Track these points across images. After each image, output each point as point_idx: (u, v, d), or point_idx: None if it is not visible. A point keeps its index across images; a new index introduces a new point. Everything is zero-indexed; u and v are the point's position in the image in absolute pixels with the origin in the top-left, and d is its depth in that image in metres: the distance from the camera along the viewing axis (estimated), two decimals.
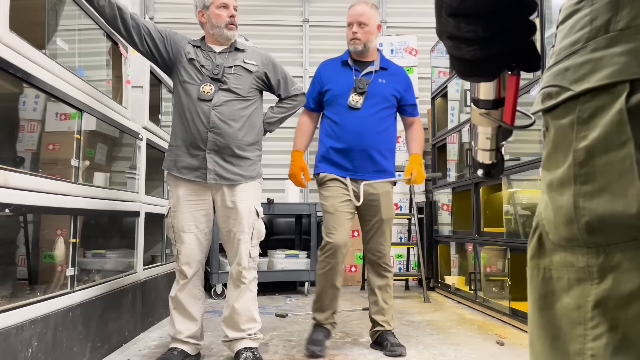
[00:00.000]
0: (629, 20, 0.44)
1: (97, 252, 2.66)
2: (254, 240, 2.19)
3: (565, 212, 0.47)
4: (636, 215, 0.42)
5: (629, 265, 0.42)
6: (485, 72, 0.53)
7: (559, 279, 0.47)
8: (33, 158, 2.20)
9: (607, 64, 0.45)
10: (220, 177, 2.13)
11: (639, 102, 0.42)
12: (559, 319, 0.46)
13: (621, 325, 0.42)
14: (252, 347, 2.17)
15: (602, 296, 0.43)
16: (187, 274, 2.15)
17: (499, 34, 0.49)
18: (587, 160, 0.45)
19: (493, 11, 0.47)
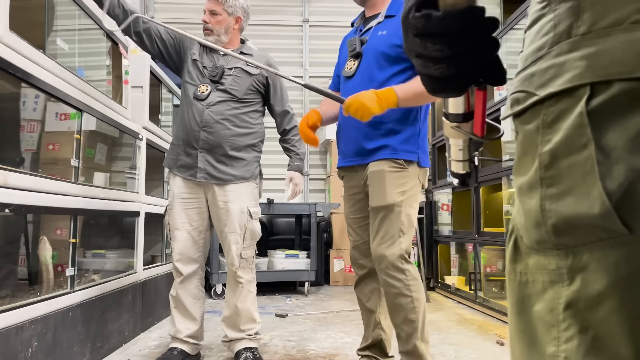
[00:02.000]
0: (590, 24, 0.45)
1: (97, 252, 2.66)
2: (247, 241, 2.18)
3: (534, 215, 0.47)
4: (599, 216, 0.42)
5: (596, 265, 0.43)
6: (453, 89, 0.54)
7: (534, 282, 0.47)
8: (33, 158, 2.20)
9: (569, 68, 0.46)
10: (211, 176, 2.13)
11: (599, 105, 0.43)
12: (535, 322, 0.46)
13: (592, 327, 0.42)
14: (252, 348, 2.17)
15: (572, 298, 0.44)
16: (181, 271, 2.16)
17: (464, 51, 0.50)
18: (552, 164, 0.46)
19: (457, 31, 0.49)
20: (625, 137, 0.42)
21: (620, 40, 0.43)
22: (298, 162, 2.36)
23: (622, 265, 0.41)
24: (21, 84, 1.83)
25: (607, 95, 0.43)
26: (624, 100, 0.42)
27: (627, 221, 0.41)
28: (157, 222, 3.06)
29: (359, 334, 2.75)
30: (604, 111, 0.43)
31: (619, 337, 0.41)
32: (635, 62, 0.42)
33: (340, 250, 4.81)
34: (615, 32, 0.44)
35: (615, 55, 0.43)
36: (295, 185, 2.34)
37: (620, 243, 0.42)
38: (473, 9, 0.48)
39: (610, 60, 0.43)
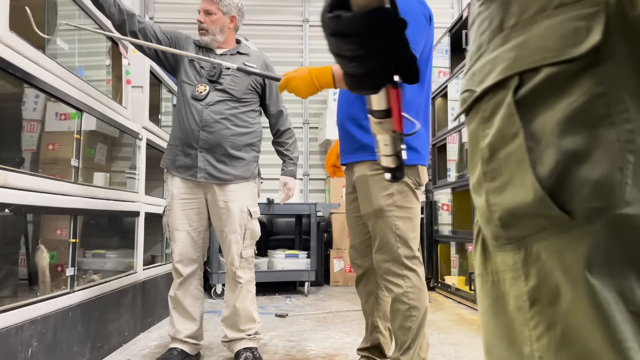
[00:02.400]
0: (518, 16, 0.46)
1: (97, 252, 2.66)
2: (247, 240, 2.18)
3: (484, 211, 0.47)
4: (535, 204, 0.42)
5: (547, 255, 0.42)
6: (368, 86, 0.55)
7: (504, 281, 0.46)
8: (33, 158, 2.20)
9: (501, 61, 0.46)
10: (211, 176, 2.13)
11: (527, 92, 0.44)
12: (511, 322, 0.45)
13: (559, 321, 0.41)
14: (252, 347, 2.17)
15: (534, 293, 0.43)
16: (181, 272, 2.16)
17: (374, 51, 0.51)
18: (491, 157, 0.46)
19: (366, 31, 0.49)
20: (553, 121, 0.42)
21: (544, 26, 0.44)
22: (292, 167, 2.36)
23: (568, 253, 0.41)
24: (21, 84, 1.83)
25: (535, 82, 0.43)
26: (550, 85, 0.42)
27: (565, 206, 0.41)
28: (157, 222, 3.05)
29: (359, 334, 2.75)
30: (533, 98, 0.44)
31: (586, 329, 0.40)
32: (558, 46, 0.42)
33: (340, 250, 4.81)
34: (539, 20, 0.44)
35: (540, 42, 0.43)
36: (289, 190, 2.38)
37: (563, 230, 0.41)
38: (380, 10, 0.49)
39: (535, 47, 0.44)
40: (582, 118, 0.41)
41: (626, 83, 0.40)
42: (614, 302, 0.39)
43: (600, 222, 0.40)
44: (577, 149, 0.40)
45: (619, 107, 0.40)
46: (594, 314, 0.39)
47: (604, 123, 0.40)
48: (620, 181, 0.39)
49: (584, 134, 0.40)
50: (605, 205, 0.39)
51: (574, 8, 0.42)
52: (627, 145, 0.39)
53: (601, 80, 0.40)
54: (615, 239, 0.40)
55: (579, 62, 0.41)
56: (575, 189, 0.40)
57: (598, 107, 0.40)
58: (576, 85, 0.41)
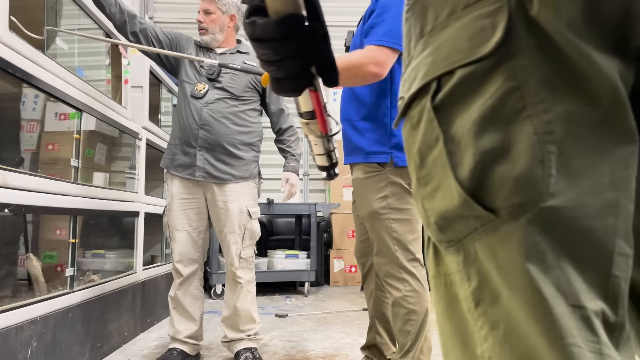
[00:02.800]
0: (433, 20, 0.46)
1: (96, 252, 2.66)
2: (246, 241, 2.18)
3: (422, 216, 0.48)
4: (461, 206, 0.42)
5: (483, 255, 0.42)
6: (287, 90, 0.56)
7: (455, 283, 0.46)
8: (32, 158, 2.20)
9: (422, 66, 0.47)
10: (209, 175, 2.12)
11: (443, 97, 0.44)
12: (464, 324, 0.45)
13: (501, 320, 0.41)
14: (252, 348, 2.17)
15: (477, 294, 0.43)
16: (181, 272, 2.15)
17: (288, 56, 0.52)
18: (422, 163, 0.47)
19: (279, 37, 0.51)
20: (470, 122, 0.42)
21: (455, 28, 0.44)
22: (294, 163, 2.35)
23: (500, 251, 0.40)
24: (21, 84, 1.83)
25: (451, 85, 0.43)
26: (465, 86, 0.42)
27: (489, 205, 0.41)
28: (156, 222, 3.05)
29: (359, 334, 2.75)
30: (450, 101, 0.44)
31: (526, 327, 0.39)
32: (468, 46, 0.42)
33: (340, 250, 4.80)
34: (451, 22, 0.44)
35: (452, 45, 0.44)
36: (291, 187, 2.35)
37: (492, 229, 0.41)
38: (292, 16, 0.50)
39: (448, 50, 0.44)
40: (497, 115, 0.40)
41: (538, 74, 0.40)
42: (553, 297, 0.38)
43: (525, 217, 0.39)
44: (495, 147, 0.40)
45: (534, 98, 0.39)
46: (532, 311, 0.39)
47: (520, 117, 0.40)
48: (542, 174, 0.39)
49: (501, 131, 0.40)
50: (527, 200, 0.39)
51: (478, 7, 0.42)
52: (546, 137, 0.39)
53: (513, 74, 0.40)
54: (546, 232, 0.39)
55: (489, 60, 0.41)
56: (496, 187, 0.40)
57: (512, 102, 0.40)
58: (489, 84, 0.41)
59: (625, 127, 0.40)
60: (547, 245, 0.39)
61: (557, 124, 0.39)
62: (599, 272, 0.39)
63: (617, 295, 0.39)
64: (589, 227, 0.39)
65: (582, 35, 0.39)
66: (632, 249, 0.41)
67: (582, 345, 0.37)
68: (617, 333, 0.39)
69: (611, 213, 0.39)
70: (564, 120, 0.39)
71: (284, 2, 0.50)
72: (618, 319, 0.39)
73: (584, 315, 0.38)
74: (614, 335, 0.39)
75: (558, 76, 0.39)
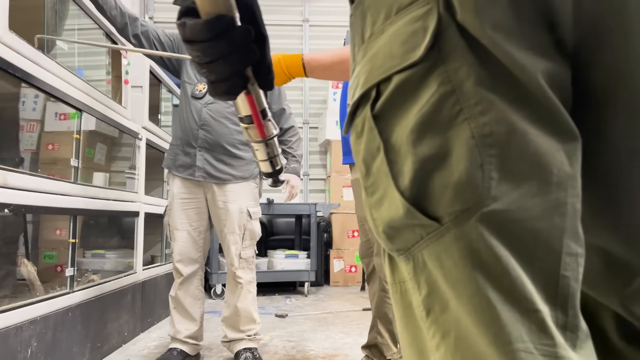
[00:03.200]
0: (371, 26, 0.46)
1: (96, 252, 2.66)
2: (247, 241, 2.17)
3: (371, 225, 0.47)
4: (403, 216, 0.41)
5: (431, 263, 0.41)
6: (221, 93, 0.54)
7: (409, 291, 0.45)
8: (32, 158, 2.20)
9: (362, 73, 0.46)
10: (209, 175, 2.12)
11: (382, 105, 0.43)
12: (419, 331, 0.44)
13: (451, 329, 0.40)
14: (252, 348, 2.16)
15: (427, 303, 0.42)
16: (182, 271, 2.15)
17: (220, 59, 0.50)
18: (367, 172, 0.46)
19: (208, 39, 0.49)
20: (408, 129, 0.41)
21: (389, 33, 0.43)
22: (295, 164, 2.35)
23: (446, 259, 0.40)
24: (21, 84, 1.83)
25: (388, 92, 0.42)
26: (401, 93, 0.42)
27: (432, 213, 0.40)
28: (156, 222, 3.06)
29: (359, 334, 2.75)
30: (389, 109, 0.43)
31: (475, 334, 0.38)
32: (401, 52, 0.42)
33: (340, 250, 4.80)
34: (387, 28, 0.44)
35: (387, 50, 0.43)
36: (292, 188, 2.34)
37: (437, 236, 0.40)
38: (221, 18, 0.49)
39: (384, 56, 0.43)
40: (434, 121, 0.40)
41: (473, 76, 0.39)
42: (500, 302, 0.37)
43: (468, 223, 0.38)
44: (433, 153, 0.39)
45: (470, 101, 0.38)
46: (480, 319, 0.38)
47: (457, 121, 0.39)
48: (482, 178, 0.38)
49: (438, 137, 0.39)
50: (469, 205, 0.38)
51: (410, 10, 0.42)
52: (484, 140, 0.38)
53: (448, 78, 0.39)
54: (490, 237, 0.38)
55: (423, 64, 0.40)
56: (438, 194, 0.39)
57: (448, 106, 0.39)
58: (425, 89, 0.40)
59: (563, 125, 0.39)
60: (492, 250, 0.38)
61: (495, 125, 0.38)
62: (547, 274, 0.38)
63: (567, 296, 0.39)
64: (535, 229, 0.38)
65: (510, 35, 0.38)
66: (583, 247, 0.40)
67: (534, 350, 0.36)
68: (572, 333, 0.38)
69: (557, 213, 0.39)
70: (501, 122, 0.38)
71: (214, 3, 0.49)
72: (569, 319, 0.38)
73: (535, 319, 0.37)
74: (569, 336, 0.38)
75: (492, 77, 0.39)
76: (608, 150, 0.43)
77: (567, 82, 0.41)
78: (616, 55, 0.41)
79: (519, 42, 0.38)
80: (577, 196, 0.40)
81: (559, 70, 0.40)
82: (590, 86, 0.42)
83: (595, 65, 0.42)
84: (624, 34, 0.40)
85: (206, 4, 0.49)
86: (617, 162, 0.43)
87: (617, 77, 0.41)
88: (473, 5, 0.39)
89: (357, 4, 0.48)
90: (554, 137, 0.39)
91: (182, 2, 0.52)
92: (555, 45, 0.40)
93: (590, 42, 0.41)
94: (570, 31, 0.40)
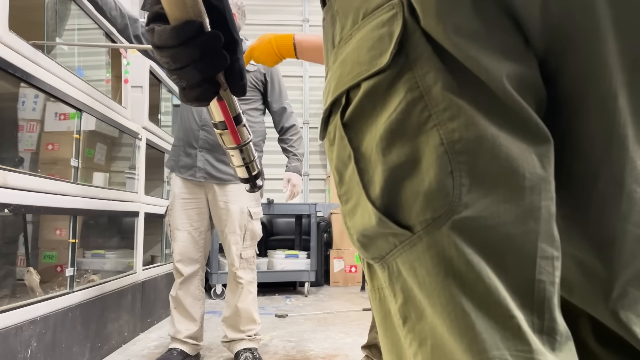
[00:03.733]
0: (340, 31, 0.45)
1: (96, 252, 2.66)
2: (247, 241, 2.18)
3: (348, 233, 0.46)
4: (376, 225, 0.41)
5: (405, 272, 0.41)
6: (192, 99, 0.53)
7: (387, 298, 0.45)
8: (32, 158, 2.20)
9: (332, 80, 0.45)
10: (210, 176, 2.13)
11: (351, 112, 0.42)
12: (397, 339, 0.44)
13: (428, 337, 0.40)
14: (252, 348, 2.16)
15: (403, 311, 0.42)
16: (182, 271, 2.15)
17: (189, 65, 0.49)
18: (341, 180, 0.45)
19: (175, 45, 0.48)
20: (377, 137, 0.40)
21: (357, 39, 0.42)
22: (296, 162, 2.34)
23: (419, 267, 0.39)
24: (21, 83, 1.82)
25: (357, 100, 0.42)
26: (370, 100, 0.41)
27: (404, 222, 0.39)
28: (156, 222, 3.06)
29: (359, 334, 2.75)
30: (358, 117, 0.42)
31: (451, 342, 0.38)
32: (368, 58, 0.41)
33: (340, 250, 4.80)
34: (355, 33, 0.43)
35: (355, 56, 0.42)
36: (293, 187, 2.34)
37: (410, 245, 0.40)
38: (188, 24, 0.48)
39: (352, 62, 0.42)
40: (403, 128, 0.39)
41: (440, 81, 0.38)
42: (474, 310, 0.37)
43: (440, 231, 0.37)
44: (403, 161, 0.39)
45: (439, 107, 0.38)
46: (454, 327, 0.37)
47: (426, 128, 0.38)
48: (452, 185, 0.37)
49: (408, 145, 0.39)
50: (440, 213, 0.37)
51: (375, 15, 0.41)
52: (454, 146, 0.37)
53: (416, 84, 0.38)
54: (463, 245, 0.37)
55: (391, 70, 0.39)
56: (408, 203, 0.39)
57: (417, 112, 0.38)
58: (393, 95, 0.39)
59: (533, 128, 0.39)
60: (464, 258, 0.37)
61: (465, 131, 0.37)
62: (522, 279, 0.38)
63: (543, 300, 0.38)
64: (508, 234, 0.37)
65: (474, 39, 0.38)
66: (559, 250, 0.40)
67: (509, 357, 0.36)
68: (549, 337, 0.38)
69: (531, 217, 0.38)
70: (471, 127, 0.37)
71: (182, 8, 0.48)
72: (545, 323, 0.38)
73: (511, 325, 0.36)
74: (546, 340, 0.38)
75: (459, 82, 0.38)
76: (579, 155, 0.43)
77: (538, 84, 0.41)
78: (586, 58, 0.40)
79: (484, 45, 0.38)
80: (551, 199, 0.39)
81: (529, 72, 0.40)
82: (562, 89, 0.42)
83: (565, 68, 0.41)
84: (592, 37, 0.39)
85: (174, 9, 0.48)
86: (587, 167, 0.43)
87: (587, 80, 0.41)
88: (435, 11, 0.38)
89: (328, 8, 0.48)
90: (525, 140, 0.38)
91: (150, 7, 0.51)
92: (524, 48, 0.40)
93: (559, 45, 0.40)
94: (539, 34, 0.40)
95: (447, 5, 0.38)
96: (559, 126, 0.42)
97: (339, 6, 0.45)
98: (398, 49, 0.39)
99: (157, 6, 0.50)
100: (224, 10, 0.52)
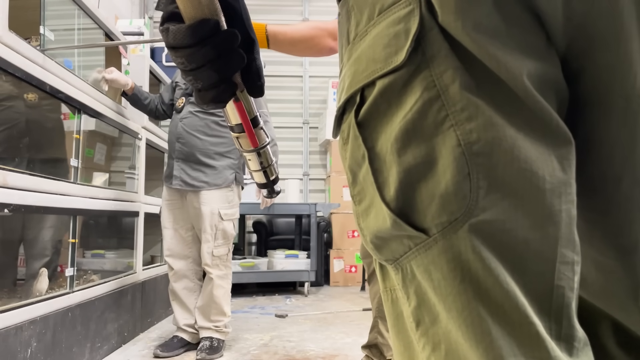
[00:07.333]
0: (355, 27, 0.44)
1: (96, 252, 2.66)
2: (219, 240, 2.32)
3: (360, 234, 0.46)
4: (390, 227, 0.40)
5: (420, 275, 0.40)
6: (209, 101, 0.51)
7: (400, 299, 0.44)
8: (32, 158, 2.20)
9: (347, 77, 0.44)
10: (185, 183, 2.30)
11: (366, 111, 0.41)
12: (410, 341, 0.43)
13: (442, 341, 0.39)
14: (214, 338, 2.29)
15: (417, 314, 0.41)
16: (171, 265, 2.35)
17: (206, 65, 0.48)
18: (354, 180, 0.44)
19: (191, 45, 0.47)
20: (392, 137, 0.39)
21: (372, 36, 0.41)
22: None
23: (435, 271, 0.38)
24: (20, 83, 1.82)
25: (372, 98, 0.41)
26: (385, 99, 0.40)
27: (419, 225, 0.38)
28: (156, 222, 3.05)
29: (359, 334, 2.75)
30: (373, 116, 0.41)
31: (466, 348, 0.37)
32: (384, 55, 0.40)
33: (340, 250, 4.80)
34: (370, 30, 0.42)
35: (370, 54, 0.41)
36: (265, 197, 2.63)
37: (425, 248, 0.38)
38: (204, 22, 0.47)
39: (367, 60, 0.41)
40: (419, 128, 0.38)
41: (458, 79, 0.37)
42: (491, 316, 0.36)
43: (457, 235, 0.37)
44: (419, 163, 0.38)
45: (456, 106, 0.37)
46: (470, 333, 0.36)
47: (442, 128, 0.37)
48: (470, 187, 0.36)
49: (424, 145, 0.37)
50: (456, 217, 0.36)
51: (392, 11, 0.40)
52: (472, 147, 0.36)
53: (432, 82, 0.37)
54: (480, 249, 0.36)
55: (407, 68, 0.38)
56: (424, 205, 0.38)
57: (434, 112, 0.37)
58: (409, 94, 0.38)
59: (554, 129, 0.38)
60: (482, 262, 0.36)
61: (483, 132, 0.36)
62: (541, 284, 0.37)
63: (562, 306, 0.37)
64: (527, 238, 0.36)
65: (494, 36, 0.37)
66: (579, 254, 0.38)
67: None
68: (567, 343, 0.37)
69: (551, 221, 0.37)
70: (489, 128, 0.36)
71: (198, 7, 0.46)
72: (563, 329, 0.37)
73: (528, 332, 0.36)
74: (564, 346, 0.37)
75: (477, 81, 0.37)
76: (601, 157, 0.42)
77: (560, 83, 0.40)
78: (609, 57, 0.39)
79: (504, 42, 0.37)
80: (572, 202, 0.38)
81: (550, 70, 0.39)
82: (584, 89, 0.41)
83: (587, 67, 0.40)
84: (616, 37, 0.39)
85: (189, 8, 0.47)
86: (610, 169, 0.42)
87: (610, 80, 0.40)
88: (454, 7, 0.37)
89: (343, 3, 0.47)
90: (545, 142, 0.37)
91: (165, 7, 0.50)
92: (546, 45, 0.39)
93: (582, 44, 0.39)
94: (561, 31, 0.39)
95: (466, 1, 0.37)
96: (580, 127, 0.41)
97: (354, 1, 0.44)
98: (415, 47, 0.38)
99: (171, 5, 0.49)
100: (240, 8, 0.51)
